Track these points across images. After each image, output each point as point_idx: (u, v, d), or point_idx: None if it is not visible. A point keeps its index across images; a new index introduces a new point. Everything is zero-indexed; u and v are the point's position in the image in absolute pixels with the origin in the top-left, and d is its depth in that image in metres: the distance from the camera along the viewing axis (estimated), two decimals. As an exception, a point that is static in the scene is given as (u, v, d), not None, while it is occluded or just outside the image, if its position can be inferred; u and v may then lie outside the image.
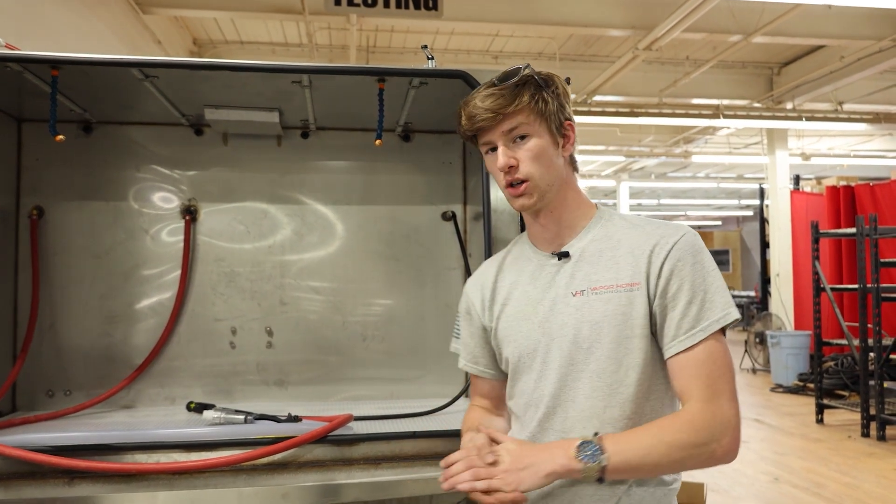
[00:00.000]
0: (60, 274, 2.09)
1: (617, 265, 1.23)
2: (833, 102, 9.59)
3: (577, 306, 1.23)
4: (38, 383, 2.06)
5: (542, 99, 1.23)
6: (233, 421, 1.73)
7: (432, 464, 1.61)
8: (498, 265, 1.40)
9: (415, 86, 1.86)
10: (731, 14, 6.79)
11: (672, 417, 1.16)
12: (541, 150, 1.23)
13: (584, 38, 7.80)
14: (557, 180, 1.26)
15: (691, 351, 1.15)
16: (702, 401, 1.13)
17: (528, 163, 1.23)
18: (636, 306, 1.19)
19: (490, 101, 1.22)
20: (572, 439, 1.13)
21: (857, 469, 5.06)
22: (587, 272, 1.25)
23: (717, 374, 1.15)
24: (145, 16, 6.22)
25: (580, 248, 1.28)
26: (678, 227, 1.24)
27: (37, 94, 1.82)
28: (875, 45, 7.38)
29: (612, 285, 1.22)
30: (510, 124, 1.23)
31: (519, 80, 1.23)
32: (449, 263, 2.28)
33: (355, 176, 2.29)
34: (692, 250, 1.19)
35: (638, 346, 1.19)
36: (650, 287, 1.19)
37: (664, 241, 1.21)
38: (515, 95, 1.22)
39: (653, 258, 1.20)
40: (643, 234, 1.24)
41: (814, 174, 13.69)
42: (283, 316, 2.20)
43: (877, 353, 5.98)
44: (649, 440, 1.12)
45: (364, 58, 8.27)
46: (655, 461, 1.12)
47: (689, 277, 1.17)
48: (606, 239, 1.27)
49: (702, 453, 1.12)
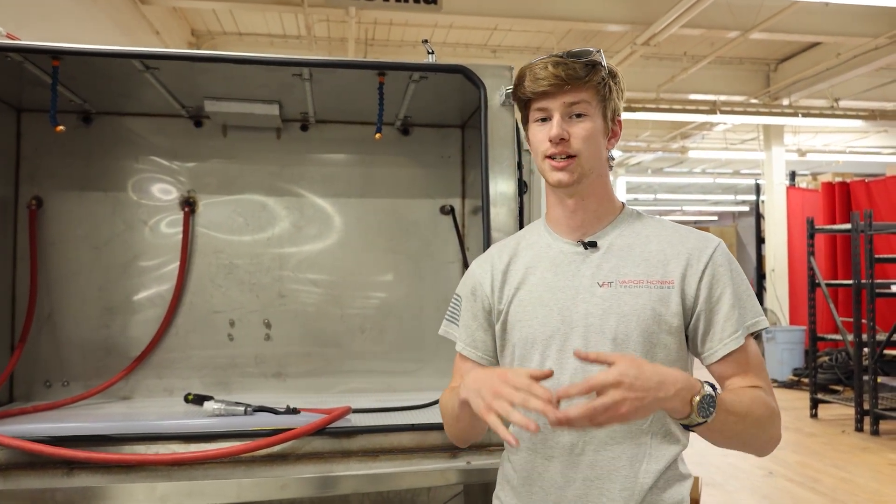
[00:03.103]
0: (59, 265, 2.09)
1: (647, 261, 1.24)
2: (829, 99, 9.62)
3: (603, 297, 1.22)
4: (36, 374, 2.06)
5: (608, 85, 1.23)
6: (233, 412, 1.74)
7: (430, 456, 1.62)
8: (512, 248, 1.37)
9: (415, 80, 1.86)
10: (729, 10, 6.80)
11: (751, 391, 1.18)
12: (594, 132, 1.23)
13: (583, 33, 7.79)
14: (598, 167, 1.26)
15: (741, 350, 1.20)
16: (765, 392, 1.18)
17: (580, 140, 1.22)
18: (670, 306, 1.20)
19: (561, 69, 1.20)
20: (696, 383, 1.05)
21: (851, 463, 5.10)
22: (615, 265, 1.24)
23: (762, 368, 1.22)
24: (144, 6, 6.19)
25: (609, 240, 1.27)
26: (708, 235, 1.27)
27: (37, 83, 1.81)
28: (871, 43, 7.39)
29: (642, 280, 1.22)
30: (574, 97, 1.21)
31: (589, 60, 1.22)
32: (447, 257, 2.28)
33: (354, 169, 2.29)
34: (728, 258, 1.24)
35: (666, 344, 1.21)
36: (687, 290, 1.21)
37: (703, 247, 1.24)
38: (587, 72, 1.21)
39: (692, 262, 1.22)
40: (677, 235, 1.27)
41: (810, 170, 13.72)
42: (281, 308, 2.21)
43: (871, 349, 6.02)
44: (746, 403, 1.13)
45: (362, 50, 8.25)
46: (738, 432, 1.13)
47: (729, 283, 1.21)
48: (635, 235, 1.27)
49: (766, 438, 1.18)
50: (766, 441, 1.19)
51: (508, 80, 1.79)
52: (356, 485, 1.55)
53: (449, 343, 1.50)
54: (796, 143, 12.50)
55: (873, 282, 5.99)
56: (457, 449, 1.63)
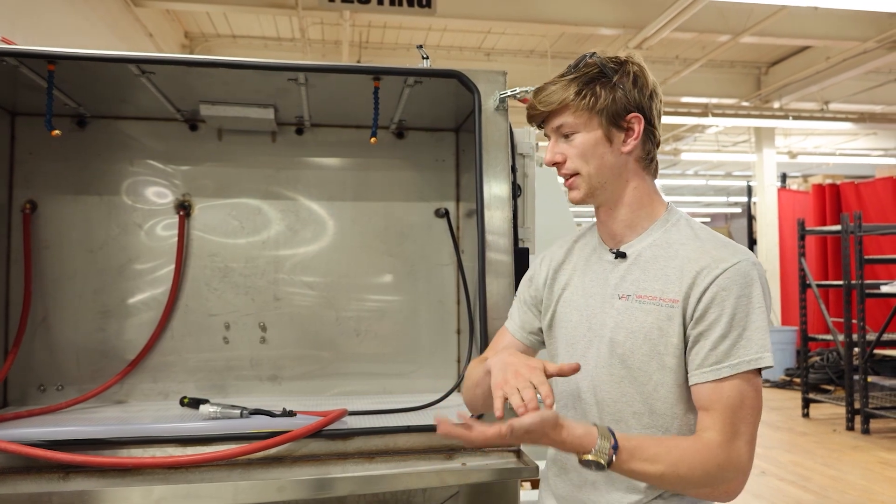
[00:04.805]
0: (53, 268, 2.09)
1: (666, 277, 1.18)
2: (819, 102, 9.70)
3: (619, 310, 1.21)
4: (31, 378, 2.06)
5: (593, 94, 1.19)
6: (229, 415, 1.74)
7: (426, 458, 1.63)
8: (568, 247, 1.37)
9: (409, 84, 1.87)
10: (720, 14, 6.85)
11: (691, 446, 1.10)
12: (588, 146, 1.20)
13: (576, 37, 7.83)
14: (612, 176, 1.22)
15: (718, 384, 1.10)
16: (721, 437, 1.09)
17: (575, 159, 1.22)
18: (673, 325, 1.15)
19: (542, 95, 1.22)
20: (589, 443, 1.06)
21: (842, 462, 5.14)
22: (637, 277, 1.21)
23: (740, 414, 1.10)
24: (137, 8, 6.17)
25: (637, 251, 1.24)
26: (737, 251, 1.17)
27: (31, 87, 1.81)
28: (860, 46, 7.47)
29: (656, 297, 1.18)
30: (557, 122, 1.23)
31: (576, 74, 1.21)
32: (442, 260, 2.30)
33: (349, 172, 2.30)
34: (742, 281, 1.12)
35: (670, 366, 1.16)
36: (687, 309, 1.15)
37: (715, 265, 1.14)
38: (563, 91, 1.20)
39: (697, 280, 1.14)
40: (700, 250, 1.18)
41: (800, 172, 13.83)
42: (276, 311, 2.21)
43: (861, 349, 6.08)
44: (661, 466, 1.07)
45: (356, 53, 8.25)
46: (658, 482, 1.10)
47: (729, 310, 1.11)
48: (666, 246, 1.22)
49: (706, 491, 1.11)
50: (706, 493, 1.12)
51: (502, 85, 1.80)
52: (353, 486, 1.56)
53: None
54: (787, 145, 12.60)
55: (863, 282, 6.04)
56: (453, 450, 1.65)
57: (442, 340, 2.26)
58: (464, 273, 2.19)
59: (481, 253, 1.74)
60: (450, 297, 2.28)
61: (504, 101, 1.79)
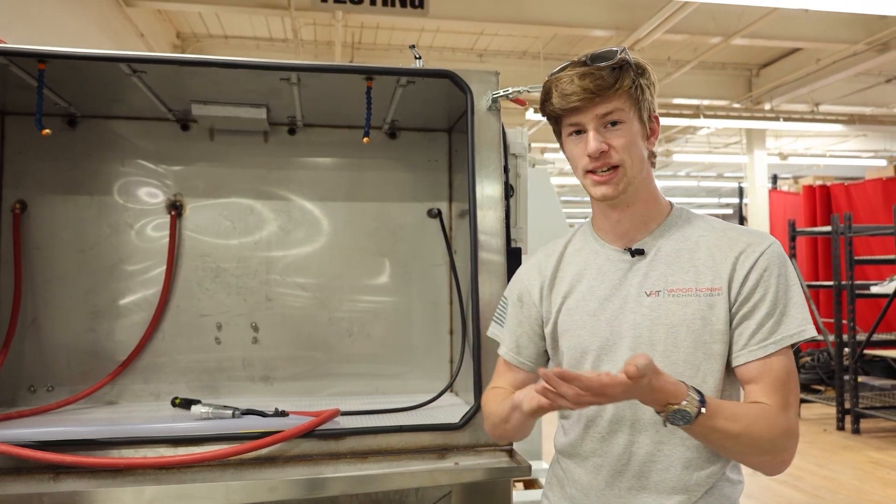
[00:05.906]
0: (43, 268, 2.08)
1: (696, 268, 1.19)
2: (810, 104, 9.78)
3: (651, 307, 1.19)
4: (20, 379, 2.04)
5: (640, 86, 1.18)
6: (221, 415, 1.74)
7: (418, 457, 1.63)
8: (559, 254, 1.33)
9: (402, 84, 1.87)
10: (712, 16, 6.89)
11: (761, 411, 1.11)
12: (633, 138, 1.18)
13: (568, 38, 7.85)
14: (642, 172, 1.21)
15: (766, 360, 1.14)
16: (778, 408, 1.12)
17: (621, 150, 1.17)
18: (717, 312, 1.16)
19: (588, 81, 1.14)
20: (680, 393, 1.04)
21: (833, 461, 5.18)
22: (663, 272, 1.21)
23: (789, 386, 1.14)
24: (129, 8, 6.15)
25: (656, 247, 1.23)
26: (763, 234, 1.21)
27: (21, 86, 1.80)
28: (850, 49, 7.54)
29: (690, 288, 1.18)
30: (606, 108, 1.16)
31: (616, 63, 1.16)
32: (434, 260, 2.30)
33: (342, 172, 2.29)
34: (779, 261, 1.17)
35: (717, 353, 1.16)
36: (732, 293, 1.16)
37: (752, 249, 1.17)
38: (616, 78, 1.15)
39: (738, 264, 1.17)
40: (726, 238, 1.20)
41: (791, 173, 13.92)
42: (268, 312, 2.21)
43: (851, 349, 6.12)
44: (740, 426, 1.08)
45: (349, 54, 8.25)
46: (732, 442, 1.09)
47: (773, 288, 1.15)
48: (684, 239, 1.22)
49: (766, 459, 1.13)
50: (767, 462, 1.14)
51: (494, 86, 1.81)
52: (345, 486, 1.56)
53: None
54: (778, 146, 12.69)
55: (853, 283, 6.09)
56: (445, 450, 1.65)
57: (435, 341, 2.26)
58: (456, 273, 2.19)
59: (474, 253, 1.75)
60: (443, 298, 2.29)
61: (496, 101, 1.79)
